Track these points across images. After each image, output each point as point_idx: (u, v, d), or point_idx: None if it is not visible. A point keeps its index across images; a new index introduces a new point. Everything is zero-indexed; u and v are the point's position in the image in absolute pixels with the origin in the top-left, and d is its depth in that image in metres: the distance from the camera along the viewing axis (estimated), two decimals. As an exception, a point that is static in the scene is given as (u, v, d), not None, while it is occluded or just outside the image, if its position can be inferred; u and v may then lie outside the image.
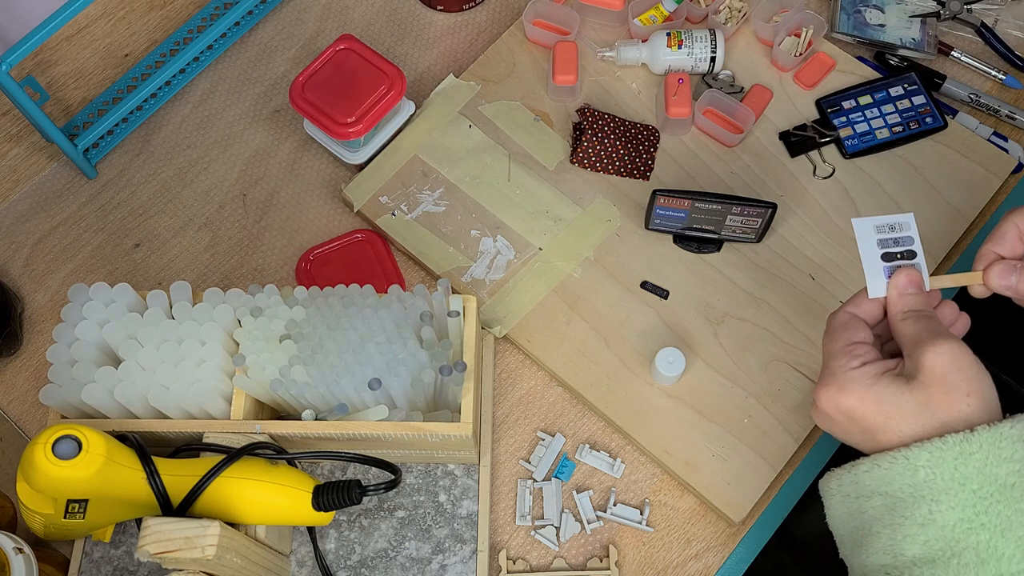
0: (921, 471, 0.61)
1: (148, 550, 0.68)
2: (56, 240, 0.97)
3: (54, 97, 1.03)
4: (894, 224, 0.71)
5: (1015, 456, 0.60)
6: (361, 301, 0.78)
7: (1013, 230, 0.68)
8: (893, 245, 0.70)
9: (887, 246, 0.70)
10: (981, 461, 0.60)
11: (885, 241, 0.71)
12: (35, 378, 0.92)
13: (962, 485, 0.60)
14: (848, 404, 0.65)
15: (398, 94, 0.91)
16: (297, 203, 0.98)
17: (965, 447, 0.60)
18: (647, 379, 0.87)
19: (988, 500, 0.60)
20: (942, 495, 0.61)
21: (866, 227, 0.71)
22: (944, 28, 1.03)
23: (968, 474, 0.60)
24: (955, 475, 0.60)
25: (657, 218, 0.90)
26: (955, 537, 0.60)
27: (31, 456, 0.65)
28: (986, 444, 0.60)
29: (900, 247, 0.70)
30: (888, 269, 0.69)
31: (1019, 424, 0.61)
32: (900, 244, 0.71)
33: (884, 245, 0.71)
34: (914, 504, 0.61)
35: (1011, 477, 0.60)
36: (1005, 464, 0.60)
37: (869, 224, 0.71)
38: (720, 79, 0.99)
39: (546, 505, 0.85)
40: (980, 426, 0.61)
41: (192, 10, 1.06)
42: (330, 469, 0.85)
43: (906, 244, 0.70)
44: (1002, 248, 0.69)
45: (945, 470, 0.60)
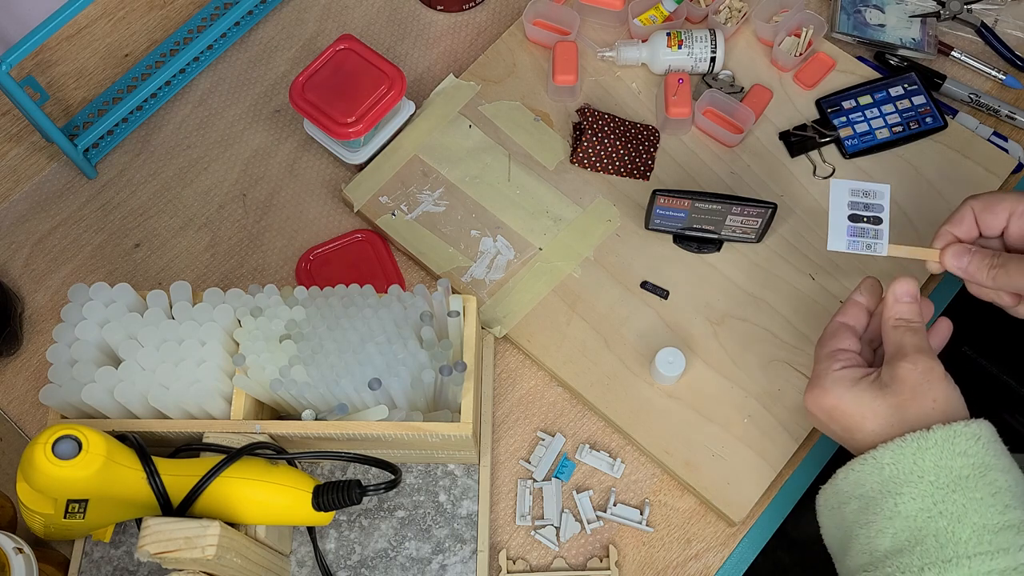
0: (886, 468, 0.67)
1: (148, 550, 0.68)
2: (56, 240, 0.97)
3: (54, 97, 1.03)
4: (869, 191, 0.76)
5: (968, 451, 0.66)
6: (361, 301, 0.78)
7: (970, 214, 0.75)
8: (863, 209, 0.76)
9: (857, 208, 0.76)
10: (937, 455, 0.66)
11: (856, 204, 0.77)
12: (35, 378, 0.92)
13: (920, 477, 0.66)
14: (829, 404, 0.71)
15: (398, 94, 0.91)
16: (297, 203, 0.98)
17: (922, 443, 0.66)
18: (647, 379, 0.87)
19: (945, 490, 0.65)
20: (904, 487, 0.66)
21: (842, 188, 0.77)
22: (944, 28, 1.03)
23: (926, 467, 0.66)
24: (914, 468, 0.66)
25: (657, 218, 0.90)
26: (917, 526, 0.65)
27: (31, 456, 0.65)
28: (941, 440, 0.66)
29: (869, 212, 0.76)
30: (851, 228, 0.76)
31: (974, 424, 0.67)
32: (870, 210, 0.76)
33: (854, 207, 0.77)
34: (882, 499, 0.67)
35: (965, 470, 0.66)
36: (959, 458, 0.66)
37: (845, 186, 0.77)
38: (720, 79, 0.99)
39: (546, 505, 0.85)
40: (936, 424, 0.67)
41: (192, 10, 1.06)
42: (330, 469, 0.85)
43: (875, 211, 0.76)
44: (959, 230, 0.75)
45: (905, 465, 0.67)
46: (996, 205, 0.74)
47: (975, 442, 0.66)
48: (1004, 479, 0.66)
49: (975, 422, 0.67)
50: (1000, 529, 0.64)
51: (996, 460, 0.67)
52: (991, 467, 0.66)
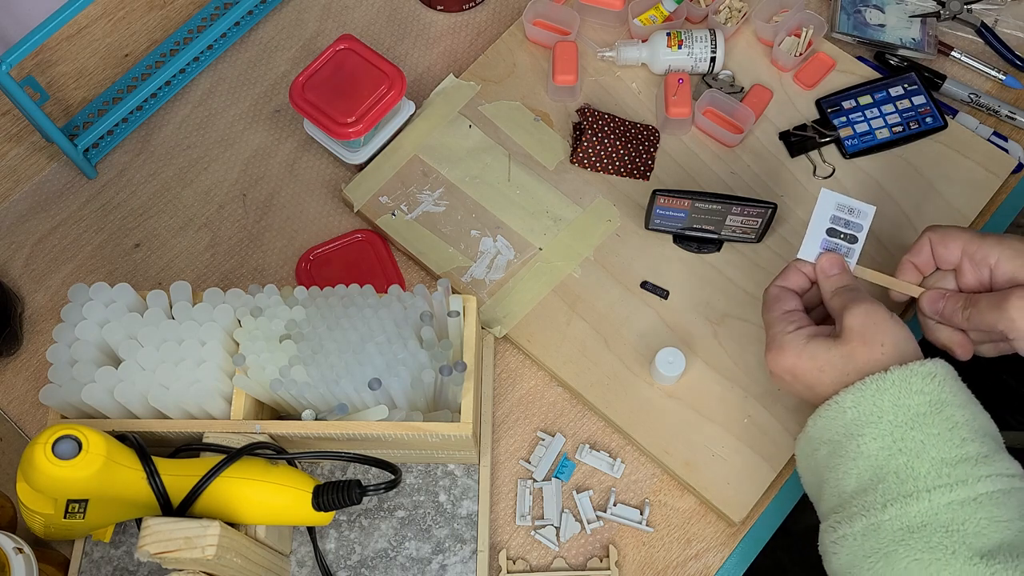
0: (848, 412, 0.70)
1: (148, 550, 0.68)
2: (56, 240, 0.97)
3: (54, 97, 1.03)
4: (855, 209, 0.79)
5: (924, 389, 0.69)
6: (361, 301, 0.78)
7: (927, 245, 0.78)
8: (843, 225, 0.79)
9: (837, 223, 0.79)
10: (895, 395, 0.69)
11: (838, 219, 0.79)
12: (35, 378, 0.92)
13: (879, 418, 0.69)
14: (789, 363, 0.75)
15: (398, 94, 0.91)
16: (297, 203, 0.98)
17: (880, 384, 0.69)
18: (647, 379, 0.87)
19: (903, 428, 0.68)
20: (865, 428, 0.69)
21: (829, 200, 0.79)
22: (944, 28, 1.03)
23: (884, 407, 0.69)
24: (874, 410, 0.69)
25: (657, 218, 0.90)
26: (878, 464, 0.68)
27: (31, 456, 0.65)
28: (898, 380, 0.69)
29: (848, 229, 0.79)
30: (825, 243, 0.78)
31: (928, 363, 0.70)
32: (849, 227, 0.79)
33: (835, 222, 0.79)
34: (847, 442, 0.70)
35: (922, 407, 0.68)
36: (916, 396, 0.69)
37: (833, 199, 0.79)
38: (720, 79, 0.99)
39: (546, 505, 0.85)
40: (893, 366, 0.70)
41: (192, 10, 1.06)
42: (330, 469, 0.85)
43: (854, 229, 0.78)
44: (918, 260, 0.79)
45: (866, 407, 0.69)
46: (950, 240, 0.77)
47: (931, 380, 0.69)
48: (960, 414, 0.68)
49: (930, 361, 0.70)
50: (957, 462, 0.66)
51: (952, 396, 0.69)
52: (947, 403, 0.69)
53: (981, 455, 0.67)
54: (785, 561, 1.05)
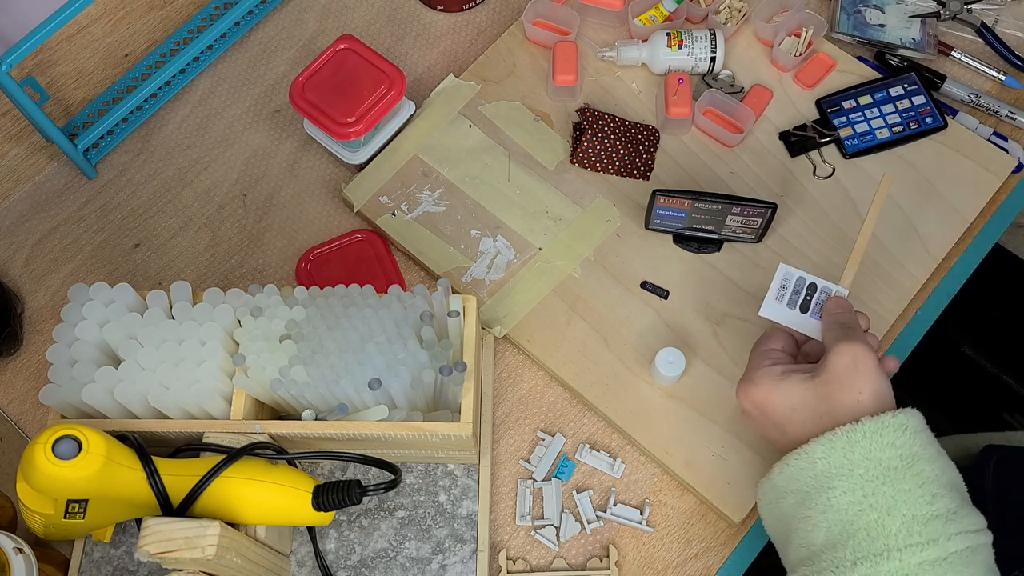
0: (819, 463, 0.68)
1: (148, 550, 0.68)
2: (56, 240, 0.97)
3: (54, 97, 1.03)
4: (817, 285, 0.78)
5: (896, 442, 0.67)
6: (361, 301, 0.78)
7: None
8: (794, 293, 0.78)
9: (794, 293, 0.78)
10: (866, 448, 0.67)
11: (796, 290, 0.78)
12: (35, 378, 0.92)
13: (850, 471, 0.67)
14: (759, 397, 0.72)
15: (398, 94, 0.91)
16: (297, 203, 0.98)
17: (852, 436, 0.67)
18: (647, 379, 0.87)
19: (874, 482, 0.66)
20: (835, 481, 0.67)
21: (785, 272, 0.78)
22: (944, 28, 1.03)
23: (855, 460, 0.67)
24: (844, 462, 0.67)
25: (657, 218, 0.90)
26: (848, 519, 0.66)
27: (31, 456, 0.65)
28: (870, 432, 0.67)
29: (802, 294, 0.78)
30: (792, 303, 0.77)
31: (901, 415, 0.68)
32: (799, 292, 0.78)
33: (795, 292, 0.78)
34: (816, 494, 0.68)
35: (893, 461, 0.67)
36: (887, 449, 0.67)
37: (793, 273, 0.78)
38: (720, 79, 0.99)
39: (546, 505, 0.85)
40: (865, 416, 0.67)
41: (192, 10, 1.06)
42: (330, 469, 0.85)
43: (807, 292, 0.78)
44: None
45: (836, 459, 0.67)
46: None
47: (902, 432, 0.67)
48: (930, 468, 0.67)
49: (902, 412, 0.68)
50: (928, 519, 0.65)
51: (923, 449, 0.67)
52: (918, 457, 0.67)
53: (950, 511, 0.66)
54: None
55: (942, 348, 0.77)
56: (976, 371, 1.15)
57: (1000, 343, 1.10)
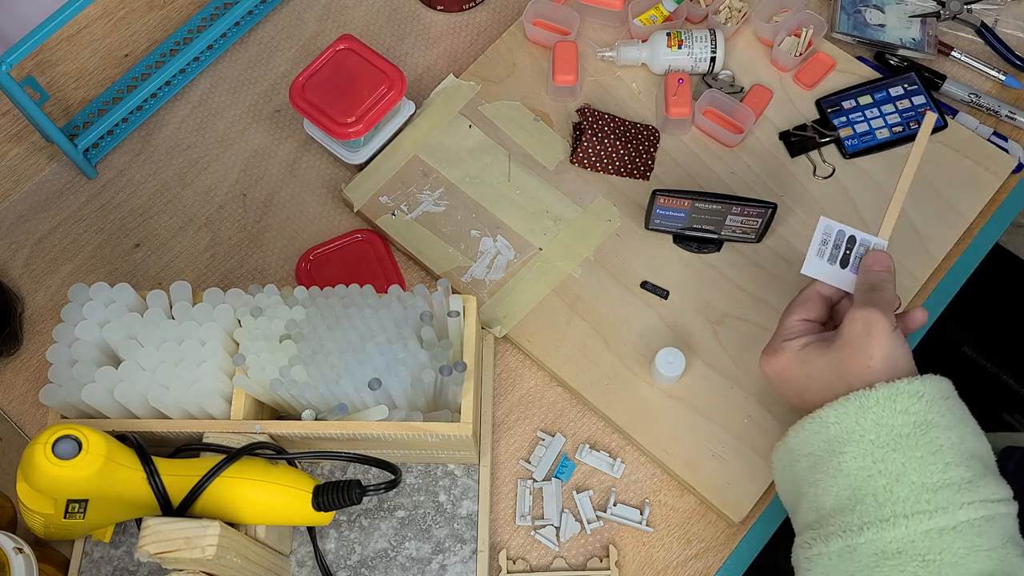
0: (831, 427, 0.68)
1: (148, 550, 0.68)
2: (56, 240, 0.97)
3: (54, 97, 1.03)
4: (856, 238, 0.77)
5: (910, 409, 0.66)
6: (361, 301, 0.78)
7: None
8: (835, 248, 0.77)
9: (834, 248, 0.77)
10: (878, 414, 0.67)
11: (837, 244, 0.77)
12: (35, 378, 0.92)
13: (862, 436, 0.67)
14: (779, 366, 0.74)
15: (398, 94, 0.91)
16: (297, 203, 0.98)
17: (864, 401, 0.67)
18: (647, 379, 0.87)
19: (884, 448, 0.66)
20: (846, 446, 0.67)
21: (827, 225, 0.77)
22: (944, 28, 1.03)
23: (867, 426, 0.67)
24: (856, 427, 0.67)
25: (657, 218, 0.90)
26: (857, 484, 0.66)
27: (31, 456, 0.65)
28: (883, 398, 0.67)
29: (842, 248, 0.77)
30: (832, 259, 0.76)
31: (917, 381, 0.67)
32: (840, 247, 0.77)
33: (835, 247, 0.77)
34: (828, 458, 0.68)
35: (905, 428, 0.66)
36: (900, 416, 0.66)
37: (833, 226, 0.77)
38: (720, 79, 0.99)
39: (546, 505, 0.85)
40: (879, 382, 0.67)
41: (192, 10, 1.06)
42: (330, 469, 0.85)
43: (847, 244, 0.76)
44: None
45: (848, 424, 0.67)
46: None
47: (917, 400, 0.66)
48: (946, 436, 0.66)
49: (919, 379, 0.67)
50: (939, 487, 0.64)
51: (939, 417, 0.67)
52: (933, 424, 0.66)
53: (965, 480, 0.65)
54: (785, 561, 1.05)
55: (942, 348, 0.77)
56: (976, 371, 1.16)
57: (1000, 343, 1.10)
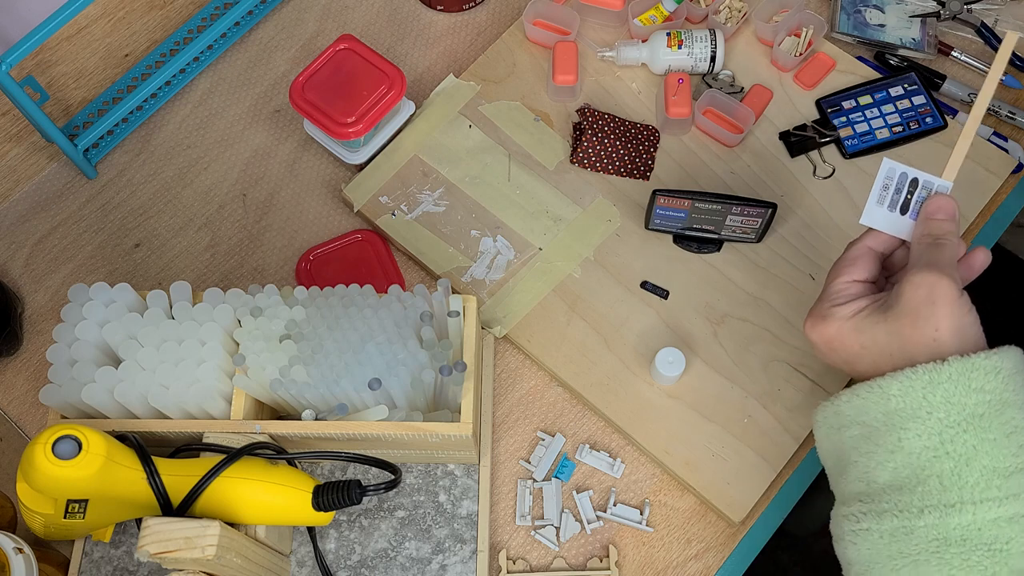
0: (893, 400, 0.62)
1: (148, 550, 0.68)
2: (56, 240, 0.97)
3: (54, 97, 1.03)
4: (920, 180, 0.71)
5: (985, 387, 0.61)
6: (361, 301, 0.78)
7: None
8: (897, 193, 0.71)
9: (896, 193, 0.71)
10: (950, 390, 0.61)
11: (899, 189, 0.71)
12: (35, 378, 0.92)
13: (929, 414, 0.61)
14: (828, 334, 0.68)
15: (398, 94, 0.91)
16: (297, 203, 0.98)
17: (935, 376, 0.61)
18: (647, 379, 0.87)
19: (955, 429, 0.61)
20: (910, 422, 0.62)
21: (891, 168, 0.71)
22: (944, 28, 1.03)
23: (935, 403, 0.61)
24: (923, 403, 0.61)
25: (657, 218, 0.90)
26: (920, 464, 0.61)
27: (31, 456, 0.65)
28: (956, 374, 0.61)
29: (903, 192, 0.71)
30: (893, 205, 0.70)
31: (994, 356, 0.61)
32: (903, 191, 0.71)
33: (896, 192, 0.71)
34: (886, 432, 0.63)
35: (980, 407, 0.61)
36: (974, 394, 0.61)
37: (896, 168, 0.71)
38: (720, 79, 0.99)
39: (546, 505, 0.85)
40: (952, 356, 0.61)
41: (192, 10, 1.06)
42: (330, 469, 0.85)
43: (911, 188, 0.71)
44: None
45: (914, 399, 0.62)
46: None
47: (995, 376, 0.61)
48: (1021, 416, 0.61)
49: (996, 353, 0.62)
50: (1011, 473, 0.60)
51: (1015, 396, 0.61)
52: (1009, 404, 0.61)
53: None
54: (785, 561, 1.05)
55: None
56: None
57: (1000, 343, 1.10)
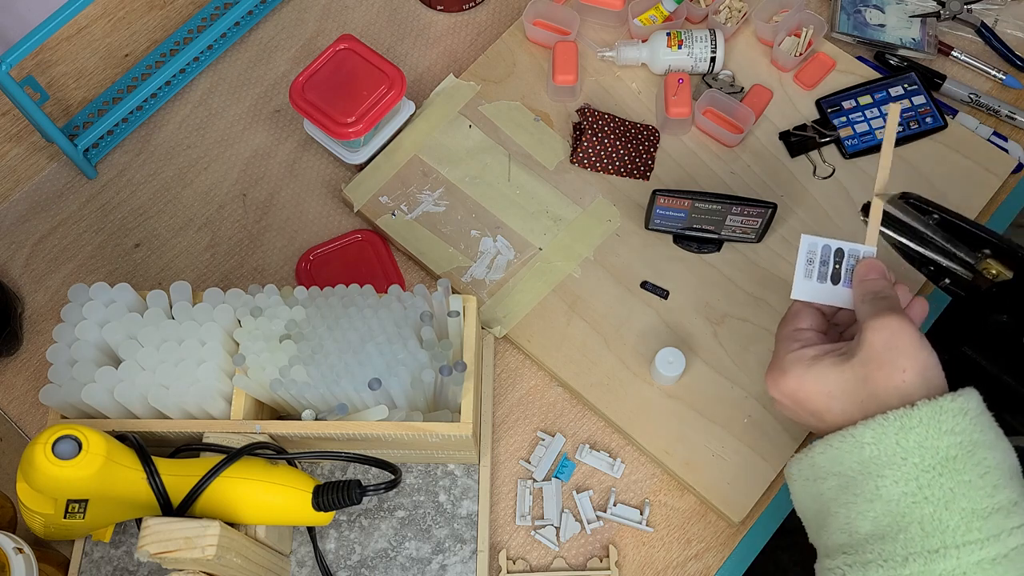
0: (867, 448, 0.62)
1: (148, 550, 0.68)
2: (56, 240, 0.97)
3: (54, 97, 1.03)
4: (843, 250, 0.72)
5: (955, 429, 0.61)
6: (361, 301, 0.78)
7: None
8: (823, 265, 0.72)
9: (822, 265, 0.72)
10: (922, 435, 0.61)
11: (824, 261, 0.72)
12: (35, 378, 0.92)
13: (904, 459, 0.61)
14: (790, 386, 0.67)
15: (398, 94, 0.91)
16: (297, 203, 0.98)
17: (905, 421, 0.61)
18: (647, 379, 0.87)
19: (931, 473, 0.61)
20: (886, 469, 0.62)
21: (809, 242, 0.72)
22: (944, 28, 1.03)
23: (909, 448, 0.61)
24: (897, 449, 0.61)
25: (657, 218, 0.90)
26: (900, 511, 0.61)
27: (31, 456, 0.65)
28: (926, 418, 0.61)
29: (830, 264, 0.72)
30: (822, 277, 0.71)
31: (960, 398, 0.62)
32: (835, 262, 0.72)
33: (822, 264, 0.72)
34: (863, 481, 0.62)
35: (952, 450, 0.61)
36: (946, 437, 0.61)
37: (815, 242, 0.72)
38: (720, 79, 0.99)
39: (546, 505, 0.85)
40: (920, 400, 0.61)
41: (192, 10, 1.06)
42: (330, 469, 0.85)
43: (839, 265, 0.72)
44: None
45: (887, 445, 0.61)
46: None
47: (963, 417, 0.61)
48: (992, 456, 0.62)
49: (961, 394, 0.62)
50: (989, 513, 0.60)
51: (983, 436, 0.62)
52: (979, 444, 0.61)
53: (1012, 503, 0.60)
54: (785, 561, 1.05)
55: (942, 348, 0.76)
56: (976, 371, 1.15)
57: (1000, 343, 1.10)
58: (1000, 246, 0.71)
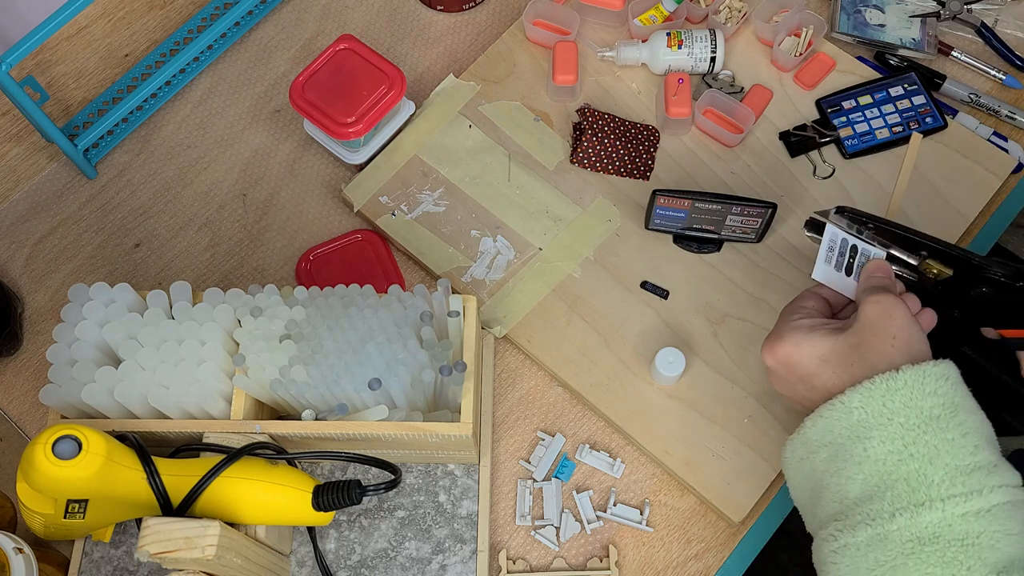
0: (855, 412, 0.65)
1: (148, 550, 0.68)
2: (56, 240, 0.97)
3: (54, 97, 1.03)
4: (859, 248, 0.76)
5: (938, 391, 0.65)
6: (361, 301, 0.78)
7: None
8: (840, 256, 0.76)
9: (840, 255, 0.76)
10: (907, 396, 0.64)
11: (842, 252, 0.76)
12: (35, 378, 0.92)
13: (890, 420, 0.64)
14: (785, 351, 0.70)
15: (398, 94, 0.91)
16: (297, 203, 0.98)
17: (891, 384, 0.65)
18: (647, 379, 0.87)
19: (915, 431, 0.64)
20: (873, 431, 0.65)
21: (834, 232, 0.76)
22: (944, 28, 1.03)
23: (895, 408, 0.64)
24: (883, 411, 0.65)
25: (657, 218, 0.90)
26: (887, 469, 0.64)
27: (31, 456, 0.65)
28: (911, 380, 0.65)
29: (846, 256, 0.76)
30: (839, 266, 0.75)
31: (941, 364, 0.66)
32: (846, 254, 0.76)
33: (840, 254, 0.76)
34: (852, 445, 0.65)
35: (935, 410, 0.64)
36: (929, 398, 0.64)
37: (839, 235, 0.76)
38: (720, 79, 0.99)
39: (546, 505, 0.85)
40: (905, 365, 0.65)
41: (192, 10, 1.06)
42: (330, 469, 0.85)
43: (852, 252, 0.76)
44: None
45: (875, 407, 0.65)
46: None
47: (944, 382, 0.65)
48: (971, 420, 0.65)
49: (943, 362, 0.66)
50: (972, 470, 0.63)
51: (964, 400, 0.65)
52: (960, 407, 0.65)
53: (992, 464, 0.63)
54: (785, 561, 1.05)
55: (942, 349, 0.76)
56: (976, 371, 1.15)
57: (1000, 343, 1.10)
58: (935, 247, 0.75)
